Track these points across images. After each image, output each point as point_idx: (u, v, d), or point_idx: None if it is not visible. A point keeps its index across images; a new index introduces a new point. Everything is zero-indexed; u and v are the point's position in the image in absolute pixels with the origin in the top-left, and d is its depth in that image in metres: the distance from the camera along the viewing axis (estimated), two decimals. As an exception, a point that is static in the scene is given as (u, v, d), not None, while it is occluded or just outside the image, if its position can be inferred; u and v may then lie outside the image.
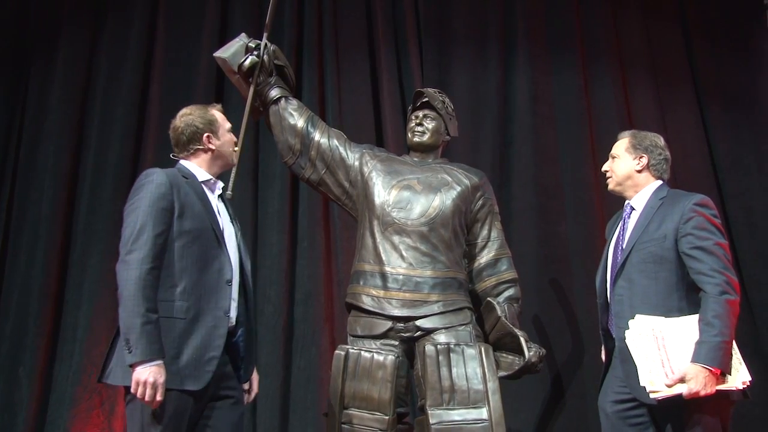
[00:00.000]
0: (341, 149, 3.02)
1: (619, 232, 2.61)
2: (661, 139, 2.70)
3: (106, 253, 3.94)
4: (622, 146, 2.68)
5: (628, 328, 2.39)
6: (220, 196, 2.40)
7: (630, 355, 2.38)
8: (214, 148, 2.39)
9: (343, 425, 2.64)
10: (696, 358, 2.26)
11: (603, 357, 2.70)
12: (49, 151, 4.13)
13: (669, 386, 2.27)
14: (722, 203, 4.13)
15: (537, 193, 4.08)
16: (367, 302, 2.77)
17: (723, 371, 2.28)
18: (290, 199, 4.12)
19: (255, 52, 2.93)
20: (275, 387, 3.77)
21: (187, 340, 2.09)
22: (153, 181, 2.18)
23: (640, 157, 2.60)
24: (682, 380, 2.25)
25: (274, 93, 3.01)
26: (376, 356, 2.67)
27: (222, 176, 2.48)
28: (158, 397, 1.97)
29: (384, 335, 2.73)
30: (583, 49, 4.38)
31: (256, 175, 4.18)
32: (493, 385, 2.61)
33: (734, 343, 2.35)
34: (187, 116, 2.40)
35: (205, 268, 2.17)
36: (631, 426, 2.44)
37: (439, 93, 3.14)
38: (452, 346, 2.67)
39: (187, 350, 2.08)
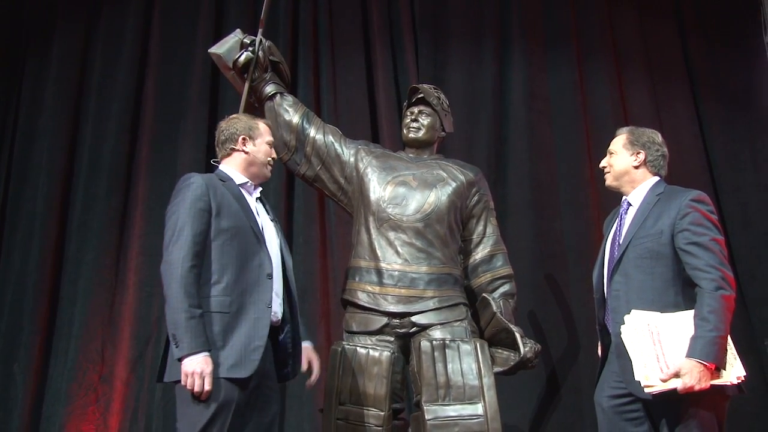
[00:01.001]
0: (336, 145, 3.02)
1: (616, 227, 2.61)
2: (659, 135, 2.70)
3: (101, 249, 3.94)
4: (619, 142, 2.67)
5: (624, 323, 2.40)
6: (259, 199, 2.47)
7: (626, 350, 2.39)
8: (248, 151, 2.45)
9: (338, 421, 2.65)
10: (691, 353, 2.26)
11: (599, 352, 2.71)
12: (44, 148, 4.12)
13: (664, 381, 2.27)
14: (717, 199, 4.13)
15: (532, 189, 4.08)
16: (362, 298, 2.78)
17: (718, 366, 2.28)
18: (286, 196, 4.12)
19: (250, 48, 2.93)
20: (271, 383, 3.76)
21: (232, 332, 2.17)
22: (191, 184, 2.27)
23: (638, 153, 2.60)
24: (676, 375, 2.26)
25: (269, 89, 3.01)
26: (371, 352, 2.68)
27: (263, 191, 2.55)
28: (207, 387, 2.06)
29: (379, 331, 2.74)
30: (579, 45, 4.39)
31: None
32: (488, 380, 2.62)
33: (729, 338, 2.35)
34: (232, 119, 2.51)
35: (246, 263, 2.25)
36: (626, 421, 2.44)
37: (435, 89, 3.14)
38: (448, 341, 2.68)
39: (233, 341, 2.16)
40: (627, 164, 2.61)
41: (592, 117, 4.26)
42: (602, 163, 2.72)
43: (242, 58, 2.91)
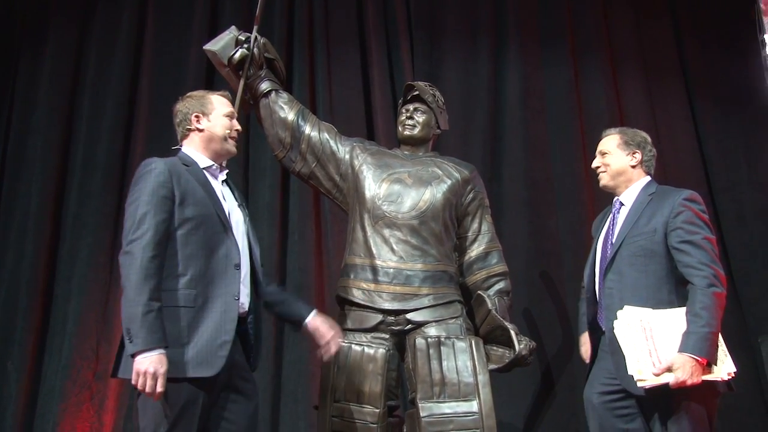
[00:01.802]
0: (332, 143, 3.02)
1: (609, 226, 2.64)
2: (648, 135, 2.74)
3: (95, 246, 3.93)
4: (612, 142, 2.69)
5: (612, 320, 2.42)
6: (225, 181, 2.36)
7: (619, 345, 2.40)
8: (203, 128, 2.32)
9: (333, 418, 2.65)
10: (683, 348, 2.29)
11: (586, 350, 2.73)
12: (38, 145, 4.10)
13: (656, 375, 2.29)
14: (711, 197, 4.15)
15: (527, 187, 4.09)
16: (357, 295, 2.77)
17: (709, 361, 2.31)
18: (281, 193, 4.11)
19: (245, 45, 2.92)
20: (266, 380, 3.76)
21: (198, 328, 2.05)
22: (152, 170, 2.14)
23: (634, 153, 2.64)
24: (669, 370, 2.28)
25: (265, 86, 3.00)
26: (366, 349, 2.68)
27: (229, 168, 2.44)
28: (159, 388, 1.93)
29: (375, 328, 2.74)
30: (574, 42, 4.39)
31: (247, 168, 4.17)
32: (483, 378, 2.62)
33: (720, 335, 2.38)
34: (185, 98, 2.39)
35: (212, 254, 2.14)
36: (617, 417, 2.46)
37: (430, 86, 3.14)
38: (443, 339, 2.68)
39: (198, 337, 2.04)
40: (624, 164, 2.64)
41: (587, 115, 4.27)
42: (595, 163, 2.74)
43: (237, 55, 2.90)
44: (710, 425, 2.40)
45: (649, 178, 2.65)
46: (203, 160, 2.30)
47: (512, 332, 2.72)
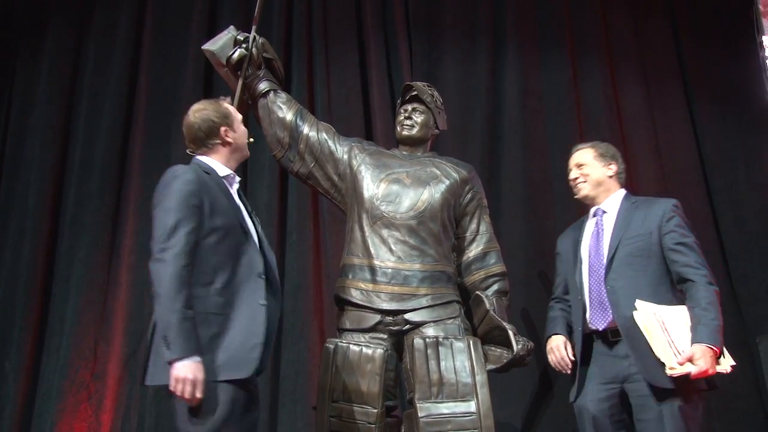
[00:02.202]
0: (330, 143, 3.02)
1: (594, 233, 2.70)
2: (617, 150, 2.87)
3: (94, 246, 3.93)
4: (588, 155, 2.80)
5: (625, 323, 2.47)
6: (238, 191, 2.40)
7: (637, 343, 2.45)
8: (231, 141, 2.37)
9: (331, 418, 2.64)
10: (700, 339, 2.38)
11: (567, 355, 2.71)
12: (36, 145, 4.10)
13: (681, 364, 2.36)
14: (709, 197, 4.16)
15: (526, 187, 4.08)
16: (355, 296, 2.77)
17: (720, 353, 2.41)
18: (279, 193, 4.11)
19: (243, 45, 2.92)
20: (264, 380, 3.76)
21: (228, 333, 2.09)
22: (181, 177, 2.17)
23: (609, 165, 2.76)
24: (690, 360, 2.35)
25: (263, 86, 3.00)
26: (364, 349, 2.68)
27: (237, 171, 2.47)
28: (198, 394, 1.97)
29: (373, 329, 2.74)
30: (572, 43, 4.39)
31: (245, 168, 4.16)
32: (481, 378, 2.62)
33: None
34: (201, 111, 2.36)
35: (237, 263, 2.18)
36: (614, 423, 2.54)
37: (428, 86, 3.14)
38: (441, 339, 2.68)
39: (229, 342, 2.08)
40: (603, 174, 2.76)
41: (585, 115, 4.27)
42: (573, 175, 2.81)
43: (236, 55, 2.90)
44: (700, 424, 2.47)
45: (624, 190, 2.77)
46: (222, 169, 2.33)
47: (510, 332, 2.72)
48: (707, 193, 4.16)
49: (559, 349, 2.71)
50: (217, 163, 2.34)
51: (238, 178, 2.41)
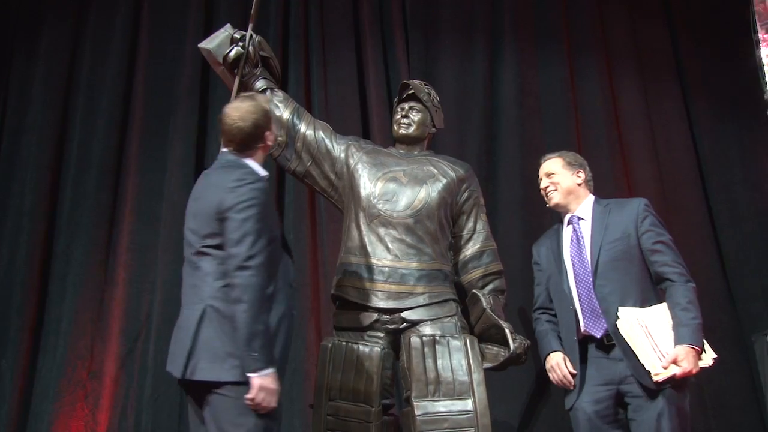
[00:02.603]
0: (327, 141, 3.01)
1: (574, 240, 2.72)
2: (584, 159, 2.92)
3: (90, 245, 3.92)
4: (557, 164, 2.84)
5: (615, 328, 2.50)
6: None
7: (627, 347, 2.48)
8: (270, 144, 2.40)
9: (328, 417, 2.65)
10: (682, 340, 2.44)
11: (563, 364, 2.70)
12: (32, 143, 4.08)
13: (665, 368, 2.41)
14: (706, 196, 4.17)
15: (523, 186, 4.08)
16: (352, 294, 2.78)
17: (701, 350, 2.48)
18: (276, 191, 4.10)
19: (240, 43, 2.92)
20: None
21: (276, 341, 2.14)
22: (260, 184, 2.19)
23: (578, 173, 2.80)
24: (674, 362, 2.40)
25: (260, 84, 3.00)
26: (361, 348, 2.68)
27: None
28: (274, 404, 2.05)
29: (370, 327, 2.74)
30: (570, 42, 4.40)
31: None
32: (478, 376, 2.63)
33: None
34: (251, 114, 2.28)
35: (277, 272, 2.21)
36: (609, 424, 2.54)
37: (425, 85, 3.14)
38: (438, 337, 2.68)
39: (277, 351, 2.13)
40: (572, 183, 2.79)
41: (582, 114, 4.28)
42: (544, 184, 2.86)
43: (232, 53, 2.90)
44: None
45: (593, 195, 2.81)
46: (263, 173, 2.31)
47: (507, 331, 2.73)
48: (704, 192, 4.17)
49: (560, 367, 2.67)
50: (259, 167, 2.31)
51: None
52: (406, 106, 3.06)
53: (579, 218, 2.74)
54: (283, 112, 3.00)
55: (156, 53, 4.27)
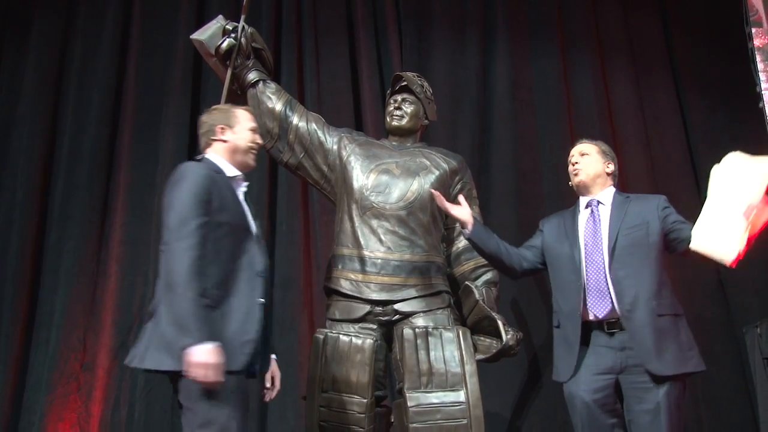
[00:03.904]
0: (320, 133, 3.01)
1: (590, 221, 2.72)
2: None
3: (82, 238, 3.90)
4: (593, 148, 2.87)
5: (630, 309, 2.51)
6: (245, 194, 2.43)
7: (640, 326, 2.48)
8: (227, 140, 2.40)
9: (321, 408, 2.65)
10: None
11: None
12: (23, 136, 4.06)
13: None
14: (698, 188, 4.18)
15: (516, 178, 4.10)
16: (345, 286, 2.78)
17: None
18: (269, 184, 4.10)
19: (232, 35, 2.91)
20: (254, 371, 3.77)
21: (223, 327, 2.12)
22: (193, 172, 2.22)
23: (609, 164, 2.84)
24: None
25: (252, 76, 2.99)
26: (354, 340, 2.68)
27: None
28: (219, 378, 2.01)
29: (362, 319, 2.74)
30: (563, 35, 4.40)
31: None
32: (470, 368, 2.64)
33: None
34: (212, 111, 2.45)
35: (238, 259, 2.22)
36: (606, 413, 2.53)
37: (418, 77, 3.14)
38: (430, 329, 2.69)
39: (224, 335, 2.10)
40: (601, 169, 2.82)
41: (575, 107, 4.29)
42: (575, 160, 2.83)
43: (225, 45, 2.89)
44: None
45: (614, 188, 2.84)
46: (230, 170, 2.36)
47: (500, 322, 2.73)
48: (696, 184, 4.19)
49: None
50: (225, 163, 2.37)
51: (245, 183, 2.43)
52: (399, 98, 3.06)
53: (599, 202, 2.77)
54: (276, 103, 2.99)
55: (148, 45, 4.24)
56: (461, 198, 2.70)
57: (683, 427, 2.51)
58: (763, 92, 4.05)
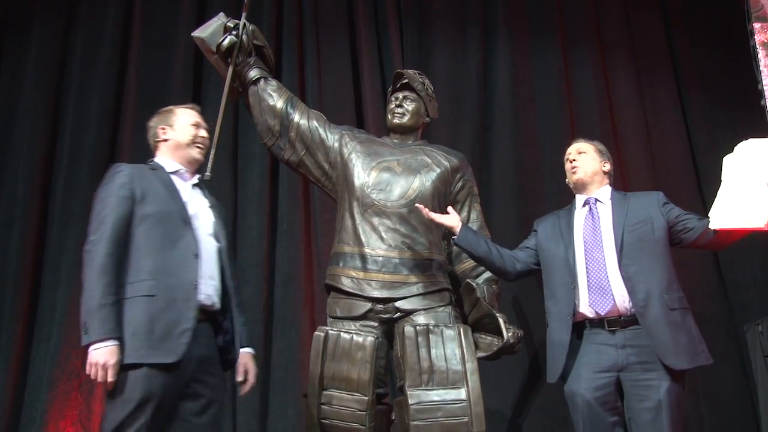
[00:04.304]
0: (321, 130, 3.00)
1: (589, 219, 2.72)
2: None
3: (83, 235, 3.83)
4: (590, 147, 2.90)
5: (644, 304, 2.51)
6: (197, 185, 2.50)
7: (655, 320, 2.48)
8: (168, 138, 2.49)
9: (322, 406, 2.65)
10: None
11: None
12: (24, 133, 4.06)
13: None
14: (699, 186, 4.18)
15: (517, 176, 4.09)
16: (346, 284, 2.77)
17: None
18: (270, 181, 4.10)
19: (233, 32, 2.90)
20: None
21: (159, 316, 2.15)
22: (116, 173, 2.33)
23: (605, 162, 2.87)
24: None
25: (253, 73, 2.98)
26: (355, 337, 2.68)
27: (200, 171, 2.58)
28: (109, 378, 2.05)
29: (363, 316, 2.74)
30: (564, 32, 4.39)
31: (236, 156, 4.15)
32: (471, 365, 2.63)
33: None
34: (154, 116, 2.58)
35: (172, 247, 2.25)
36: (607, 411, 2.53)
37: (419, 74, 3.13)
38: (431, 327, 2.69)
39: (159, 325, 2.14)
40: (598, 167, 2.85)
41: (576, 104, 4.28)
42: (573, 156, 2.84)
43: (226, 42, 2.88)
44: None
45: (611, 187, 2.86)
46: (171, 165, 2.46)
47: (501, 320, 2.73)
48: (697, 182, 4.19)
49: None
50: (166, 160, 2.47)
51: (190, 176, 2.49)
52: (400, 95, 3.05)
53: (597, 200, 2.78)
54: (277, 101, 2.99)
55: (149, 42, 4.24)
56: (450, 209, 2.75)
57: (684, 424, 2.52)
58: (765, 89, 4.04)
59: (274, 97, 2.99)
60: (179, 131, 2.50)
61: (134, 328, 2.11)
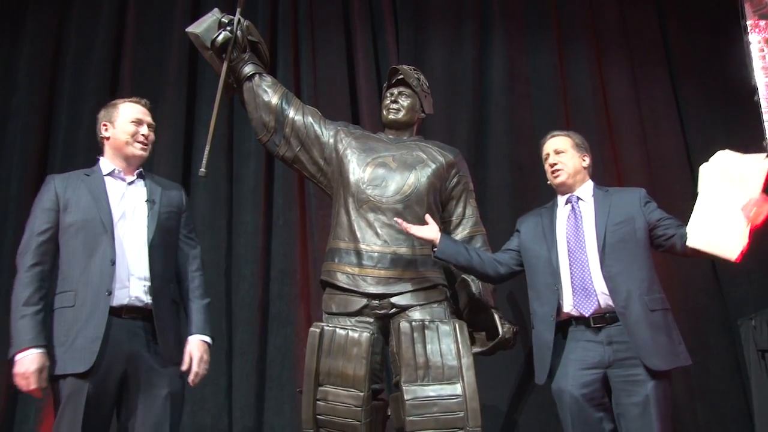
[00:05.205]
0: (316, 126, 3.00)
1: (571, 219, 2.71)
2: None
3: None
4: (566, 143, 2.83)
5: (625, 305, 2.51)
6: (140, 178, 2.50)
7: (636, 321, 2.48)
8: (108, 136, 2.47)
9: (318, 402, 2.65)
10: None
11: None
12: (18, 129, 4.04)
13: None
14: (694, 182, 4.15)
15: (512, 171, 4.09)
16: (342, 279, 2.77)
17: None
18: (265, 177, 4.09)
19: (228, 28, 2.89)
20: (251, 365, 3.77)
21: (74, 326, 2.20)
22: (44, 185, 2.40)
23: (584, 156, 2.82)
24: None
25: (248, 69, 2.98)
26: (351, 333, 2.68)
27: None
28: (32, 386, 2.12)
29: (359, 312, 2.74)
30: (559, 28, 4.39)
31: (231, 153, 4.14)
32: (467, 361, 2.63)
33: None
34: (102, 109, 2.56)
35: (92, 255, 2.27)
36: (594, 407, 2.54)
37: (414, 70, 3.13)
38: (427, 322, 2.69)
39: (75, 335, 2.19)
40: (579, 165, 2.80)
41: (572, 99, 4.28)
42: (552, 160, 2.80)
43: (220, 38, 2.87)
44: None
45: (591, 181, 2.82)
46: (108, 167, 2.45)
47: (496, 316, 2.74)
48: (692, 177, 4.18)
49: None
50: (106, 161, 2.48)
51: (132, 172, 2.48)
52: (396, 91, 3.05)
53: (579, 198, 2.75)
54: (272, 97, 2.98)
55: (143, 38, 4.22)
56: (427, 217, 2.73)
57: (677, 418, 2.53)
58: (758, 85, 4.07)
59: (269, 93, 2.98)
60: (119, 128, 2.48)
61: (56, 339, 2.20)
